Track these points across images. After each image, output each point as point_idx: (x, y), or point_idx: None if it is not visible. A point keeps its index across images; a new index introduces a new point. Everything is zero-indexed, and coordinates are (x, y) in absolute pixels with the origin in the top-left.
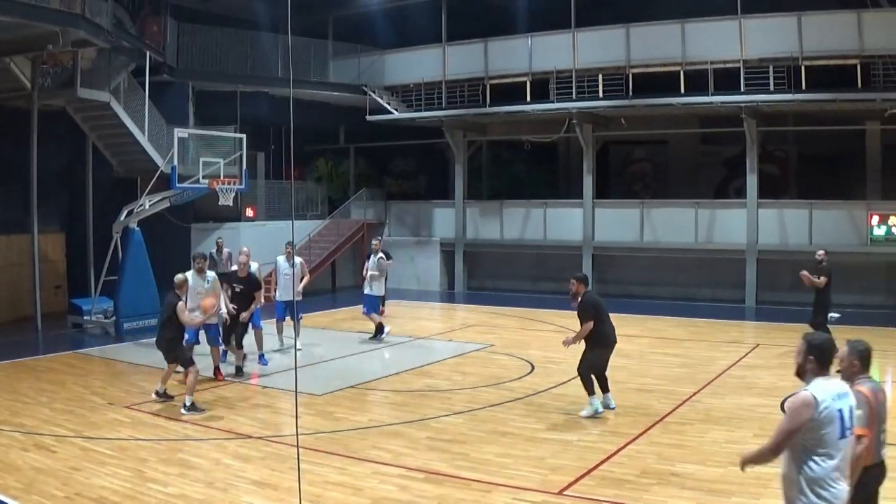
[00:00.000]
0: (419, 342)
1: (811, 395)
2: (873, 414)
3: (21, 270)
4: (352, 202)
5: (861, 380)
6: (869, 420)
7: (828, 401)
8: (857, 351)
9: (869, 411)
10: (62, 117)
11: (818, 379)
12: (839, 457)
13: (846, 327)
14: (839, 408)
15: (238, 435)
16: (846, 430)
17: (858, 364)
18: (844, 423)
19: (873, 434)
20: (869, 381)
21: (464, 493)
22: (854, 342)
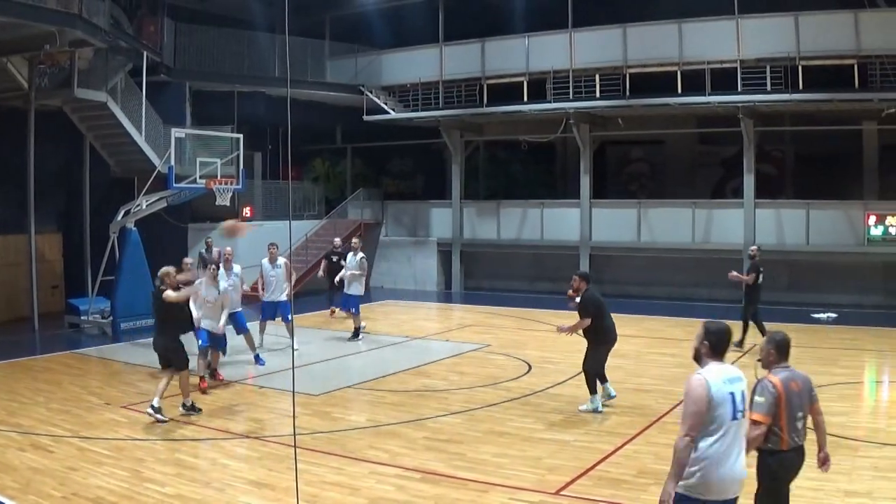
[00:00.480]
0: (416, 342)
1: (703, 377)
2: (782, 402)
3: (18, 270)
4: (349, 202)
5: (777, 369)
6: (776, 408)
7: (718, 384)
8: (773, 341)
9: (775, 399)
10: (59, 117)
11: (711, 363)
12: (729, 436)
13: (843, 327)
14: (730, 391)
15: (235, 435)
16: (738, 411)
17: (774, 353)
18: (736, 405)
19: (785, 421)
20: (785, 371)
21: (460, 493)
22: (772, 333)
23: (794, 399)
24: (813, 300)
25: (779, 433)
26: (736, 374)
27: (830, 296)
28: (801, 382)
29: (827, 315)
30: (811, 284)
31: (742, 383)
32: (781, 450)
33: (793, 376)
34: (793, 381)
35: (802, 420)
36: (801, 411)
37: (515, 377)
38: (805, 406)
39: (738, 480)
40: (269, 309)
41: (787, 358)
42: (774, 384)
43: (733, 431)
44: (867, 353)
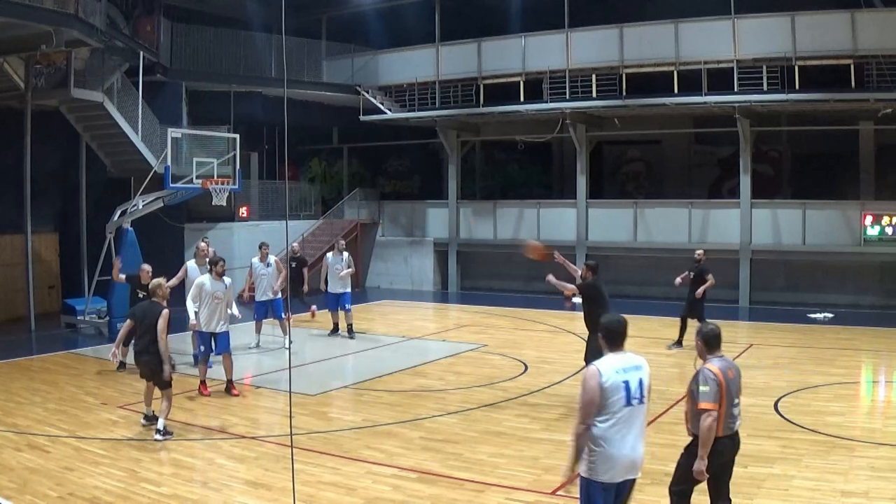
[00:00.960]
0: (413, 342)
1: (596, 368)
2: (722, 390)
3: (14, 270)
4: (345, 202)
5: (711, 359)
6: (718, 396)
7: (611, 373)
8: (700, 334)
9: (718, 387)
10: (56, 117)
11: (608, 355)
12: (624, 421)
13: (839, 327)
14: (624, 379)
15: (232, 435)
16: (632, 398)
17: (702, 345)
18: (630, 392)
19: (724, 408)
20: (720, 360)
21: (457, 493)
22: (701, 326)
23: (731, 386)
24: (809, 300)
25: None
26: (634, 364)
27: (827, 296)
28: (735, 371)
29: (823, 315)
30: (808, 284)
31: (640, 372)
32: (717, 436)
33: (728, 365)
34: (729, 369)
35: (738, 407)
36: (737, 398)
37: (512, 377)
38: (739, 395)
39: (636, 463)
40: (261, 308)
41: (718, 348)
42: (715, 372)
43: (628, 417)
44: (864, 353)
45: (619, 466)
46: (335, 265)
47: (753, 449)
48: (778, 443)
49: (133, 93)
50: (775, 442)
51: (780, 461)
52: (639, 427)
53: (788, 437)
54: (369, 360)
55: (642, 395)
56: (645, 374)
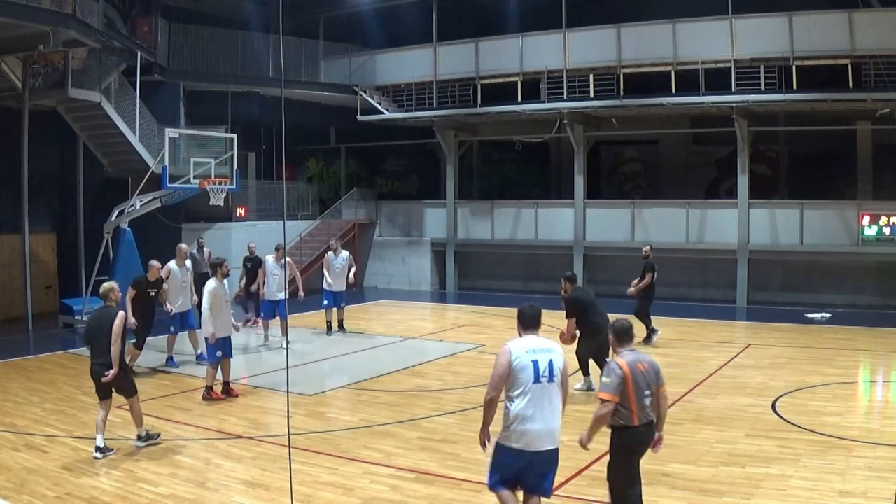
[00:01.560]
0: (410, 342)
1: (508, 347)
2: (629, 382)
3: (12, 270)
4: (343, 202)
5: (622, 351)
6: (623, 387)
7: (521, 353)
8: (612, 328)
9: (620, 380)
10: (53, 117)
11: (520, 338)
12: (533, 396)
13: (837, 327)
14: (533, 359)
15: (229, 435)
16: (540, 376)
17: (614, 338)
18: (539, 371)
19: (634, 400)
20: (630, 353)
21: (454, 493)
22: (617, 320)
23: (639, 379)
24: (807, 300)
25: (628, 410)
26: (544, 346)
27: (825, 296)
28: (647, 364)
29: (821, 315)
30: (805, 284)
31: (550, 354)
32: (633, 425)
33: (639, 358)
34: (639, 362)
35: (650, 398)
36: (648, 390)
37: None
38: (652, 386)
39: (548, 434)
40: (269, 308)
41: (630, 342)
42: (620, 366)
43: (538, 392)
44: (861, 353)
45: (530, 436)
46: (334, 264)
47: (751, 449)
48: (776, 443)
49: (130, 93)
50: (773, 442)
51: (778, 461)
52: (549, 402)
53: (786, 437)
54: (367, 360)
55: (552, 375)
56: (556, 356)
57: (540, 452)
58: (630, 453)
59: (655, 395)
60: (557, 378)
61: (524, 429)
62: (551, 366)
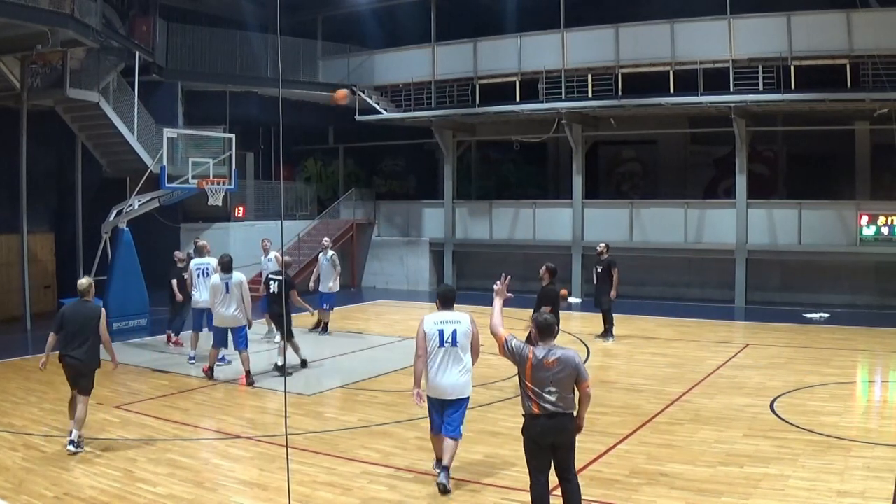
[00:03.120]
0: (408, 342)
1: (423, 318)
2: (529, 371)
3: (10, 270)
4: (341, 202)
5: (539, 346)
6: (512, 356)
7: (430, 323)
8: (535, 320)
9: (519, 356)
10: (51, 117)
11: (437, 311)
12: (439, 358)
13: (835, 327)
14: (440, 329)
15: (227, 435)
16: (444, 342)
17: (535, 332)
18: (443, 338)
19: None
20: (543, 349)
21: (453, 493)
22: (539, 314)
23: (540, 372)
24: (805, 300)
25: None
26: (452, 318)
27: (823, 296)
28: (549, 362)
29: (819, 315)
30: (803, 284)
31: (456, 325)
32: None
33: (547, 354)
34: (546, 359)
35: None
36: (550, 387)
37: (507, 377)
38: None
39: (450, 388)
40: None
41: (548, 339)
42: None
43: (443, 355)
44: (859, 353)
45: (438, 389)
46: (320, 262)
47: (749, 449)
48: (774, 443)
49: (129, 93)
50: (771, 442)
51: (776, 461)
52: (452, 363)
53: (784, 437)
54: (365, 360)
55: (455, 341)
56: (461, 326)
57: (448, 401)
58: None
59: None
60: (461, 343)
61: (434, 383)
62: (454, 334)
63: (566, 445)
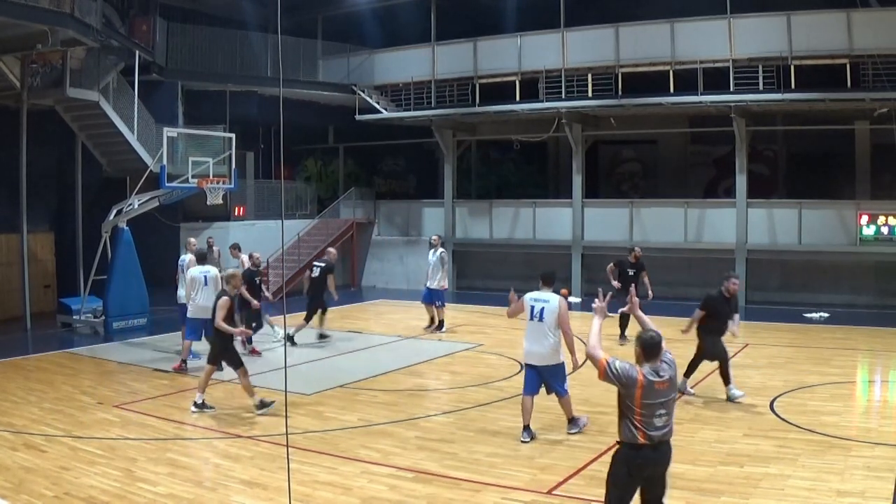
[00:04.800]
0: (408, 342)
1: (525, 295)
2: (639, 395)
3: (10, 270)
4: (341, 201)
5: (645, 366)
6: (618, 380)
7: (528, 299)
8: (640, 339)
9: (626, 378)
10: (51, 117)
11: (535, 291)
12: (529, 329)
13: (835, 327)
14: (532, 305)
15: (227, 434)
16: (534, 316)
17: (640, 351)
18: (533, 312)
19: (642, 415)
20: (651, 369)
21: (453, 493)
22: (644, 331)
23: (653, 396)
24: (805, 300)
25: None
26: (543, 298)
27: (822, 295)
28: (659, 384)
29: (819, 315)
30: (803, 284)
31: (545, 304)
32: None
33: (655, 376)
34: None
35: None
36: (664, 409)
37: (507, 376)
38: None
39: (537, 355)
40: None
41: (653, 359)
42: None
43: (533, 327)
44: (859, 353)
45: (528, 355)
46: (430, 261)
47: (749, 449)
48: (774, 442)
49: (129, 92)
50: (771, 442)
51: (776, 461)
52: (538, 335)
53: (784, 436)
54: (365, 359)
55: (542, 317)
56: (549, 306)
57: (535, 366)
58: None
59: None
60: (547, 319)
61: (526, 350)
62: (542, 311)
63: (662, 476)
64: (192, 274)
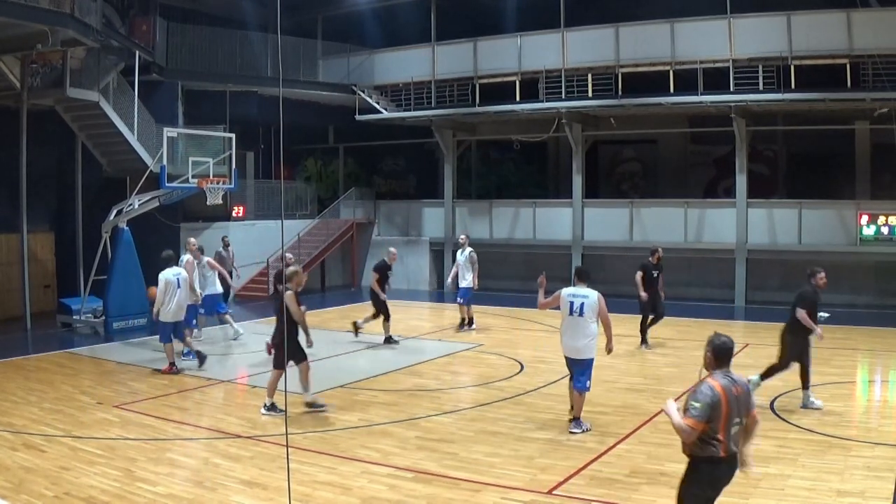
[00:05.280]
0: (409, 342)
1: (561, 289)
2: (725, 409)
3: (10, 270)
4: (341, 202)
5: (717, 374)
6: (711, 414)
7: (566, 295)
8: (711, 343)
9: (712, 407)
10: (51, 117)
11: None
12: (567, 323)
13: (835, 327)
14: (571, 300)
15: (227, 434)
16: (573, 311)
17: (711, 357)
18: (573, 307)
19: (725, 428)
20: (725, 377)
21: (453, 493)
22: (716, 335)
23: (736, 405)
24: None
25: (717, 440)
26: (581, 293)
27: (823, 295)
28: (739, 389)
29: (819, 315)
30: (803, 284)
31: (584, 298)
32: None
33: (735, 382)
34: (736, 386)
35: (738, 426)
36: (739, 417)
37: (508, 376)
38: (742, 413)
39: (574, 349)
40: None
41: (727, 363)
42: (716, 388)
43: (570, 322)
44: (860, 353)
45: (566, 348)
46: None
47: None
48: (774, 442)
49: (129, 92)
50: (771, 441)
51: (776, 461)
52: (577, 330)
53: (784, 436)
54: (365, 359)
55: (581, 312)
56: (588, 300)
57: (572, 359)
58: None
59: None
60: (586, 314)
61: (563, 343)
62: (582, 306)
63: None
64: (166, 278)
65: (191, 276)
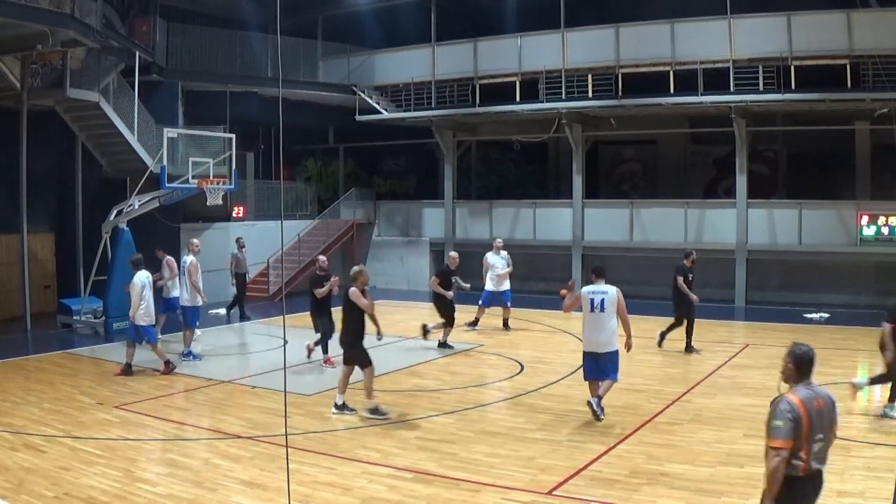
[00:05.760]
0: (408, 342)
1: (584, 288)
2: (806, 424)
3: (10, 270)
4: (341, 202)
5: (798, 387)
6: (795, 432)
7: (587, 292)
8: (792, 354)
9: (795, 423)
10: (51, 117)
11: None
12: (589, 319)
13: (835, 327)
14: (592, 297)
15: (227, 435)
16: (594, 308)
17: (793, 369)
18: (594, 304)
19: (807, 444)
20: (806, 389)
21: (453, 493)
22: (796, 345)
23: (818, 420)
24: (805, 300)
25: (798, 459)
26: (601, 290)
27: (823, 296)
28: (821, 401)
29: (819, 315)
30: (803, 284)
31: (604, 294)
32: (798, 476)
33: (815, 395)
34: (818, 399)
35: (822, 443)
36: (824, 432)
37: (508, 377)
38: (828, 427)
39: (597, 344)
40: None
41: (809, 376)
42: (797, 405)
43: (593, 318)
44: (859, 353)
45: (588, 344)
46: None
47: (750, 448)
48: None
49: (129, 93)
50: None
51: None
52: (599, 325)
53: None
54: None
55: (602, 307)
56: (608, 296)
57: (595, 353)
58: None
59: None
60: (607, 308)
61: (586, 339)
62: (602, 302)
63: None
64: (141, 280)
65: (194, 278)
